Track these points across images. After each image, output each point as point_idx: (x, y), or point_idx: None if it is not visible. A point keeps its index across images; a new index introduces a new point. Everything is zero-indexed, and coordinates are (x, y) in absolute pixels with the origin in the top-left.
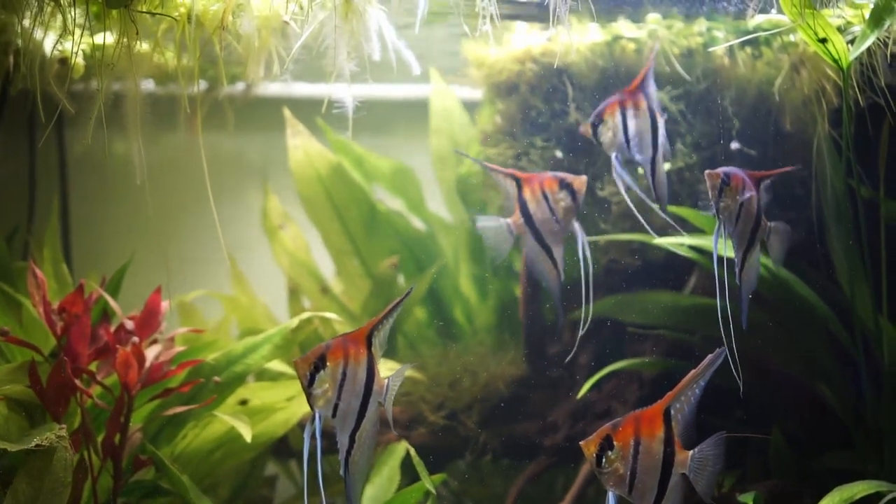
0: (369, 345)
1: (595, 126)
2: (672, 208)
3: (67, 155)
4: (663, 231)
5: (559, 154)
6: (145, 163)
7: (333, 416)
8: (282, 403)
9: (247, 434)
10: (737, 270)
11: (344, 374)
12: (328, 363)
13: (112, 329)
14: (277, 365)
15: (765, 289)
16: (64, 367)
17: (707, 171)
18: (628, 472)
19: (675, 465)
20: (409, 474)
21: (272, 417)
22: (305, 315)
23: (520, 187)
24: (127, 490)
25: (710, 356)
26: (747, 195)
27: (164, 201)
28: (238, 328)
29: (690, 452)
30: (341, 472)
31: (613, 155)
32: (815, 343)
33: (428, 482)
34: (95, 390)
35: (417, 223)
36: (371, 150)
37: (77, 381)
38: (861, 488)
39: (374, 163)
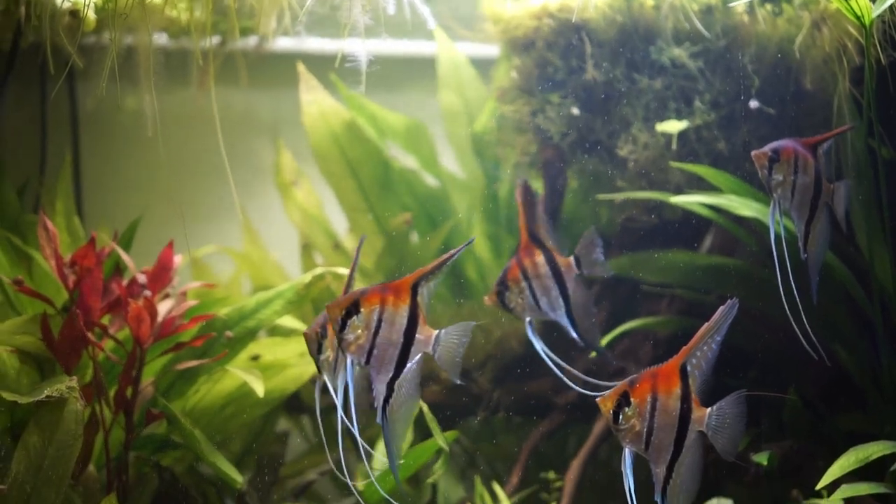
0: (415, 294)
1: (501, 294)
2: (689, 167)
3: (79, 108)
4: (679, 190)
5: (575, 111)
6: (157, 117)
7: (367, 363)
8: (294, 359)
9: (259, 389)
10: (800, 245)
11: (380, 321)
12: (362, 309)
13: (124, 283)
14: (289, 321)
15: (783, 249)
16: (76, 320)
17: (753, 153)
18: (645, 429)
19: (691, 423)
20: (421, 431)
21: (284, 373)
22: (318, 271)
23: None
24: (139, 443)
25: (721, 308)
26: (800, 173)
27: (176, 156)
28: (250, 284)
29: (708, 410)
30: (378, 419)
31: (527, 319)
32: (832, 304)
33: (441, 439)
34: (107, 344)
35: (431, 180)
36: (385, 106)
37: (89, 335)
38: (876, 448)
39: (387, 119)
